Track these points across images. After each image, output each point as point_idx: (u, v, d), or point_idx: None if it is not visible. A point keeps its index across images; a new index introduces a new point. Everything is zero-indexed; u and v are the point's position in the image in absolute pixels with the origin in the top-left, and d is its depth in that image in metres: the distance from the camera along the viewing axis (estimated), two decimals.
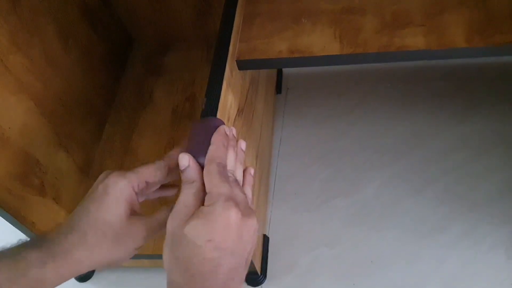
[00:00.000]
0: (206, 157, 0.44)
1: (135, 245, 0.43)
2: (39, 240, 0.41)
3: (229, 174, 0.43)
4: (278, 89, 1.11)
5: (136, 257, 0.80)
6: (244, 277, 0.41)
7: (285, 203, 0.94)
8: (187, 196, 0.40)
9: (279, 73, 1.12)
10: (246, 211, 0.39)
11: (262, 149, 0.90)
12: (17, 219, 0.70)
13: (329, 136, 1.01)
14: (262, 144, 0.89)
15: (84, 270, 0.41)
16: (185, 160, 0.43)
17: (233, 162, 0.46)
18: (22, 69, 0.72)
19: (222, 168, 0.42)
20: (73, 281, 0.91)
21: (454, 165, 0.91)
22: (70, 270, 0.40)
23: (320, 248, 0.87)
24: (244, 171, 0.48)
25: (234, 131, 0.49)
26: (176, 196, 0.41)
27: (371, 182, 0.93)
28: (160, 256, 0.78)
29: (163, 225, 0.41)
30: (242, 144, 0.49)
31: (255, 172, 0.65)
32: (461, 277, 0.79)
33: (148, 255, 0.80)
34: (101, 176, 0.44)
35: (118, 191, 0.41)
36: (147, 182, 0.44)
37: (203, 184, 0.41)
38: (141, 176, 0.44)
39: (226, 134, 0.46)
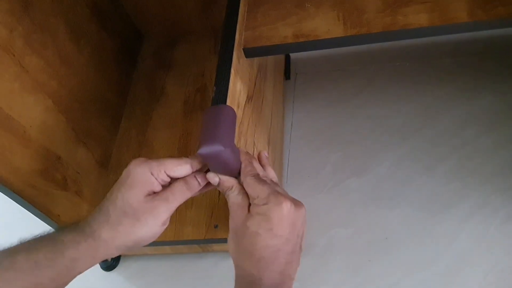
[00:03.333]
0: (241, 175, 0.50)
1: (157, 221, 0.45)
2: (75, 225, 0.45)
3: (264, 179, 0.49)
4: (287, 75, 1.12)
5: (158, 243, 0.84)
6: (299, 261, 0.46)
7: (299, 187, 0.96)
8: (234, 199, 0.47)
9: (287, 59, 1.14)
10: (295, 202, 0.46)
11: (274, 135, 0.91)
12: (44, 213, 0.73)
13: (339, 119, 1.02)
14: (273, 130, 0.91)
15: (112, 251, 0.45)
16: (215, 179, 0.49)
17: (262, 171, 0.52)
18: (38, 69, 0.74)
19: (257, 176, 0.48)
20: (100, 271, 0.95)
21: (464, 141, 0.92)
22: (100, 251, 0.44)
23: (335, 228, 0.89)
24: (259, 156, 0.53)
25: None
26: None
27: (382, 162, 0.94)
28: (181, 242, 0.81)
29: (177, 196, 0.47)
30: (265, 153, 0.57)
31: (268, 154, 0.70)
32: (475, 251, 0.81)
33: (170, 241, 0.83)
34: (129, 164, 0.48)
35: (136, 173, 0.45)
36: (168, 175, 0.48)
37: (240, 184, 0.48)
38: (161, 165, 0.47)
39: (247, 152, 0.53)
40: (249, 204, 0.47)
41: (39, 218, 0.74)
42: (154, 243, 0.84)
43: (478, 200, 0.85)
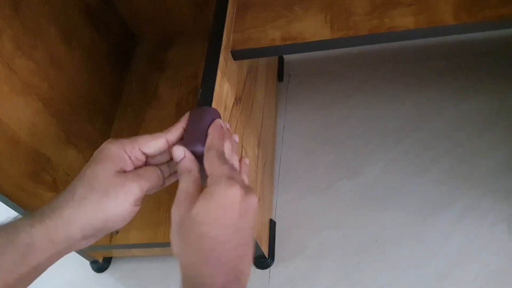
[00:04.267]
0: (205, 146, 0.46)
1: (128, 197, 0.41)
2: (34, 211, 0.40)
3: (228, 160, 0.45)
4: (280, 76, 1.12)
5: (149, 246, 0.84)
6: (251, 257, 0.41)
7: (291, 188, 0.96)
8: (187, 184, 0.42)
9: (281, 61, 1.14)
10: (247, 188, 0.41)
11: (265, 137, 0.92)
12: None
13: (331, 121, 1.02)
14: (264, 132, 0.91)
15: (75, 232, 0.39)
16: (179, 151, 0.44)
17: (230, 152, 0.47)
18: (28, 71, 0.75)
19: (221, 154, 0.44)
20: (91, 272, 0.95)
21: (456, 144, 0.92)
22: (59, 233, 0.39)
23: (326, 230, 0.89)
24: (240, 160, 0.50)
25: (228, 125, 0.51)
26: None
27: (374, 164, 0.94)
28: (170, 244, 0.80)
29: (150, 174, 0.43)
30: (236, 137, 0.52)
31: (250, 162, 0.67)
32: (466, 252, 0.81)
33: (160, 243, 0.83)
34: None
35: (107, 150, 0.42)
36: (143, 152, 0.44)
37: (200, 173, 0.43)
38: (134, 142, 0.44)
39: (222, 126, 0.48)
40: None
41: None
42: (144, 245, 0.85)
43: (470, 202, 0.85)
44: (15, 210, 0.71)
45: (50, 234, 0.38)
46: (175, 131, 0.47)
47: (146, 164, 0.45)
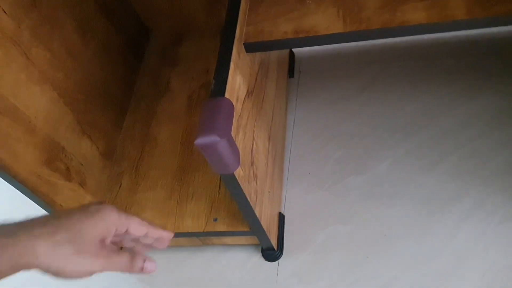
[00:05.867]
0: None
1: (90, 268, 0.41)
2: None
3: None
4: (291, 72, 1.13)
5: None
6: None
7: (300, 183, 0.96)
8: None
9: (291, 57, 1.15)
10: None
11: (275, 131, 0.92)
12: (46, 202, 0.75)
13: (341, 117, 1.03)
14: (274, 126, 0.92)
15: (31, 266, 0.39)
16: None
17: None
18: (44, 61, 0.76)
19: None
20: None
21: (465, 141, 0.92)
22: (17, 262, 0.38)
23: (335, 225, 0.90)
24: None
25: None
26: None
27: (383, 161, 0.94)
28: (180, 235, 0.81)
29: (119, 265, 0.44)
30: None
31: (261, 155, 0.67)
32: (473, 250, 0.81)
33: None
34: (96, 202, 0.46)
35: (107, 217, 0.43)
36: (127, 231, 0.46)
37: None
38: (128, 221, 0.45)
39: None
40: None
41: (41, 207, 0.76)
42: None
43: (477, 200, 0.85)
44: (30, 198, 0.73)
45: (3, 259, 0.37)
46: (155, 232, 0.48)
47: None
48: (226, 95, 0.59)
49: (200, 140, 0.54)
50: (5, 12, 0.68)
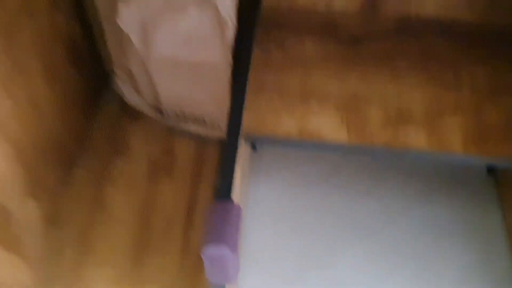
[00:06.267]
0: None
1: None
2: None
3: None
4: (254, 147, 1.10)
5: None
6: None
7: (258, 276, 0.91)
8: None
9: None
10: None
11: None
12: None
13: (301, 205, 1.00)
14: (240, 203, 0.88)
15: None
16: None
17: None
18: (4, 110, 0.66)
19: None
20: None
21: (420, 249, 0.95)
22: None
23: None
24: None
25: None
26: None
27: (344, 258, 0.93)
28: None
29: None
30: None
31: None
32: None
33: None
34: None
35: None
36: None
37: None
38: None
39: None
40: None
41: None
42: None
43: None
44: None
45: None
46: None
47: None
48: (233, 197, 0.55)
49: (210, 250, 0.49)
50: None
